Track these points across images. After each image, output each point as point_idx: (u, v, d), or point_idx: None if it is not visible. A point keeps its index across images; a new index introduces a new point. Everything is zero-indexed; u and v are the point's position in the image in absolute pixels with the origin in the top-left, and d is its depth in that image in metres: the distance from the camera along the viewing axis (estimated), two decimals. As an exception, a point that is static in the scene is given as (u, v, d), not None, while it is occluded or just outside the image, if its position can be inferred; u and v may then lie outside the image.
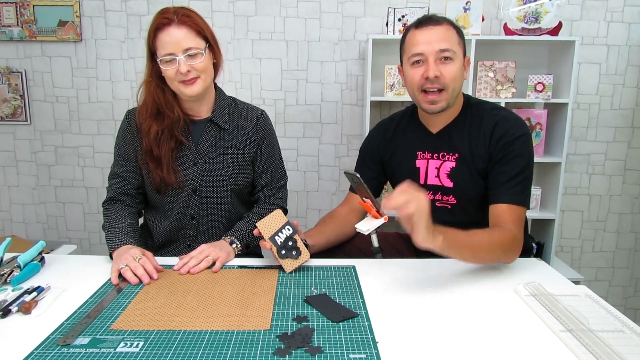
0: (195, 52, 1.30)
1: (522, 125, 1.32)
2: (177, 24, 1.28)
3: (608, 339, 0.86)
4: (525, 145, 1.29)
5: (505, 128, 1.30)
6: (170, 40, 1.28)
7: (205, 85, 1.36)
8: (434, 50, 1.27)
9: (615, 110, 2.58)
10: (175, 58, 1.28)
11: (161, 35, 1.29)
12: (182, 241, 1.47)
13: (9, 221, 2.79)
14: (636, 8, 2.48)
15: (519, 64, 2.43)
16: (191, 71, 1.30)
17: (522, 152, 1.28)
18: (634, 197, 2.66)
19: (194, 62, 1.30)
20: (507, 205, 1.25)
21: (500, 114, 1.34)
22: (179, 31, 1.28)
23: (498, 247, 1.17)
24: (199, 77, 1.32)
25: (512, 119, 1.32)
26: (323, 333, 0.89)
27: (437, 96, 1.29)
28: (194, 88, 1.33)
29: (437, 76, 1.27)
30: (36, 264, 1.18)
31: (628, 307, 2.78)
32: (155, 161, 1.38)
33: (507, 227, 1.22)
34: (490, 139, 1.31)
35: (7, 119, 2.64)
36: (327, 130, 2.66)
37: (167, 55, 1.29)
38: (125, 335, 0.88)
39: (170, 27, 1.28)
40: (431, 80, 1.28)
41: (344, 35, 2.56)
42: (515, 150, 1.28)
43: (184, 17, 1.29)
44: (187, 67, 1.29)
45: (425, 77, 1.28)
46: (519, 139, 1.29)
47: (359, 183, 1.18)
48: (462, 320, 0.95)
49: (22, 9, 2.52)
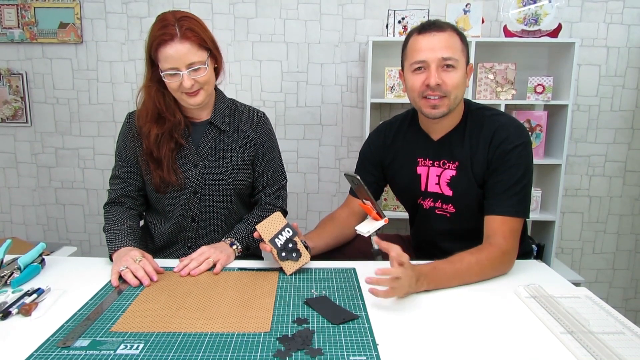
0: (198, 67, 1.29)
1: (522, 132, 1.30)
2: (180, 39, 1.26)
3: (609, 340, 0.86)
4: (523, 153, 1.28)
5: (504, 135, 1.29)
6: (173, 56, 1.26)
7: (208, 94, 1.37)
8: (436, 57, 1.25)
9: (615, 111, 2.58)
10: (178, 73, 1.28)
11: (163, 50, 1.26)
12: (183, 243, 1.48)
13: (9, 223, 2.79)
14: (636, 10, 2.48)
15: (519, 65, 2.43)
16: (194, 84, 1.30)
17: (520, 161, 1.27)
18: (634, 199, 2.66)
19: (197, 76, 1.30)
20: (501, 218, 1.25)
21: (500, 120, 1.32)
22: (182, 47, 1.26)
23: (488, 267, 1.18)
24: (201, 88, 1.33)
25: (512, 127, 1.30)
26: (323, 335, 0.89)
27: (439, 101, 1.28)
28: (197, 99, 1.33)
29: (439, 84, 1.25)
30: (36, 265, 1.18)
31: (628, 309, 2.78)
32: (156, 162, 1.38)
33: (497, 242, 1.21)
34: (489, 145, 1.30)
35: (7, 121, 2.64)
36: (327, 132, 2.67)
37: (170, 70, 1.28)
38: (125, 338, 0.87)
39: (173, 43, 1.25)
40: (432, 88, 1.26)
41: (344, 37, 2.57)
42: (513, 159, 1.27)
43: (186, 31, 1.26)
44: (190, 82, 1.29)
45: (427, 85, 1.27)
46: (517, 148, 1.27)
47: (359, 185, 1.18)
48: (463, 323, 0.95)
49: (23, 10, 2.52)
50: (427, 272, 1.09)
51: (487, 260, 1.17)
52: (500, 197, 1.26)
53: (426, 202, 1.41)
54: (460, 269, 1.13)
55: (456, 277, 1.13)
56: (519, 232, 1.27)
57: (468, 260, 1.15)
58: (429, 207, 1.41)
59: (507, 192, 1.26)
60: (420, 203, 1.43)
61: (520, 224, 1.27)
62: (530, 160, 1.30)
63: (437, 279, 1.11)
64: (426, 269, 1.10)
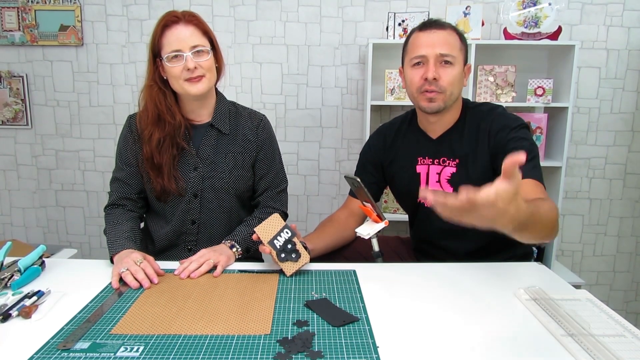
0: (201, 50, 1.32)
1: (520, 119, 1.34)
2: (185, 22, 1.32)
3: (609, 343, 0.86)
4: (525, 131, 1.31)
5: (502, 122, 1.32)
6: (178, 37, 1.31)
7: (210, 85, 1.38)
8: (435, 53, 1.29)
9: (616, 114, 2.58)
10: (182, 54, 1.30)
11: (168, 32, 1.31)
12: (183, 245, 1.47)
13: (10, 225, 2.79)
14: (635, 13, 2.49)
15: (519, 68, 2.43)
16: (197, 68, 1.32)
17: (525, 136, 1.30)
18: (635, 201, 2.66)
19: (200, 60, 1.32)
20: (532, 181, 1.20)
21: (497, 111, 1.37)
22: (186, 29, 1.31)
23: (556, 217, 1.03)
24: (204, 75, 1.34)
25: (509, 115, 1.35)
26: (323, 337, 0.89)
27: (435, 94, 1.31)
28: (199, 86, 1.34)
29: (436, 78, 1.29)
30: (36, 268, 1.18)
31: (629, 311, 2.77)
32: (156, 169, 1.38)
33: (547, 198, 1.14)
34: (489, 134, 1.33)
35: (8, 123, 2.64)
36: (327, 135, 2.67)
37: (174, 52, 1.30)
38: (126, 340, 0.87)
39: (178, 25, 1.32)
40: (430, 82, 1.30)
41: (344, 40, 2.57)
42: (518, 136, 1.29)
43: (190, 17, 1.34)
44: (194, 63, 1.31)
45: (425, 78, 1.30)
46: (518, 127, 1.31)
47: (359, 187, 1.18)
48: (463, 325, 0.95)
49: (24, 13, 2.53)
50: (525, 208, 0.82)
51: (555, 209, 1.03)
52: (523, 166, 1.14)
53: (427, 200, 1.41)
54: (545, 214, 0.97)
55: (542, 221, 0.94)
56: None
57: (549, 205, 1.01)
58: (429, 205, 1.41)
59: (526, 161, 1.17)
60: (420, 202, 1.43)
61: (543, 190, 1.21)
62: (533, 139, 1.32)
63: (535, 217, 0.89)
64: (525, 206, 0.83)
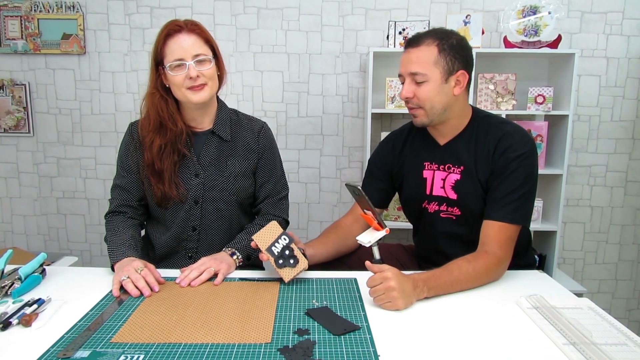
0: (203, 59, 1.33)
1: (527, 142, 1.32)
2: (187, 31, 1.33)
3: (611, 352, 0.85)
4: (526, 162, 1.29)
5: (508, 143, 1.31)
6: (180, 46, 1.32)
7: (212, 94, 1.39)
8: (407, 71, 1.33)
9: (616, 122, 2.59)
10: (184, 63, 1.31)
11: (171, 41, 1.33)
12: (184, 253, 1.47)
13: (10, 232, 2.79)
14: (635, 21, 2.50)
15: (519, 76, 2.44)
16: (200, 77, 1.33)
17: (522, 169, 1.28)
18: (636, 209, 2.66)
19: (202, 68, 1.33)
20: (498, 224, 1.26)
21: (505, 128, 1.35)
22: (188, 38, 1.33)
23: (483, 275, 1.21)
24: (206, 84, 1.35)
25: (517, 135, 1.33)
26: (324, 346, 0.88)
27: (416, 111, 1.35)
28: (201, 95, 1.34)
29: (409, 97, 1.33)
30: (37, 276, 1.18)
31: (631, 320, 2.76)
32: (157, 175, 1.38)
33: (492, 251, 1.23)
34: (494, 153, 1.32)
35: (10, 131, 2.65)
36: (328, 142, 2.67)
37: (176, 61, 1.31)
38: (126, 348, 0.87)
39: (181, 34, 1.33)
40: (406, 100, 1.35)
41: (345, 48, 2.58)
42: (515, 167, 1.28)
43: (193, 26, 1.35)
44: (196, 72, 1.32)
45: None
46: (521, 156, 1.29)
47: (360, 195, 1.18)
48: (464, 334, 0.95)
49: (27, 22, 2.55)
50: (425, 279, 1.11)
51: (482, 268, 1.20)
52: (499, 203, 1.28)
53: (431, 205, 1.42)
54: (458, 276, 1.16)
55: (454, 284, 1.15)
56: (514, 239, 1.28)
57: (465, 268, 1.17)
58: (433, 210, 1.42)
59: (506, 199, 1.27)
60: (425, 207, 1.44)
61: (516, 232, 1.28)
62: (533, 169, 1.31)
63: (435, 285, 1.13)
64: (424, 276, 1.13)
